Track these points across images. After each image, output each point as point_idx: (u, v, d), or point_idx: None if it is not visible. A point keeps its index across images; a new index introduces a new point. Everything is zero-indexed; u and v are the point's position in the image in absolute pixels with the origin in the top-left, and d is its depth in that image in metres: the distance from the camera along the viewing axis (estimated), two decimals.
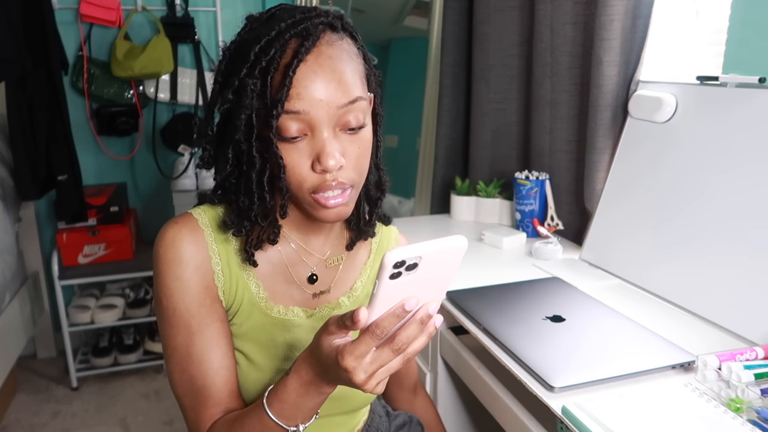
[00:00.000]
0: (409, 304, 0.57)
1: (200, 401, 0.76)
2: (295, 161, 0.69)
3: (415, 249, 0.55)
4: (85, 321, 2.37)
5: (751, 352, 0.92)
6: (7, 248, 2.09)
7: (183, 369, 0.76)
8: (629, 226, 1.35)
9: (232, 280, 0.78)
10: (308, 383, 0.65)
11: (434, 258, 0.57)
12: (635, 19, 1.38)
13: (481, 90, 1.84)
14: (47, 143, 2.11)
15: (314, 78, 0.67)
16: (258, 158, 0.71)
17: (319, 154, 0.68)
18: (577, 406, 0.83)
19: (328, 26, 0.70)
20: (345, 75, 0.68)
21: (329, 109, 0.67)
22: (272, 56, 0.67)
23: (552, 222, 1.60)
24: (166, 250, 0.75)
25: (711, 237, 1.16)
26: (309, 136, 0.69)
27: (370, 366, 0.59)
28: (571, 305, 1.14)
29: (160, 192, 2.65)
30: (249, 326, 0.80)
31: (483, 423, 1.40)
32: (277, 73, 0.67)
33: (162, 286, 0.75)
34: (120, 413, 2.25)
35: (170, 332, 0.76)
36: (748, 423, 0.79)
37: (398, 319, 0.57)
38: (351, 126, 0.70)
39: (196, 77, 2.48)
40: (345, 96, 0.68)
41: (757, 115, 1.11)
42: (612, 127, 1.44)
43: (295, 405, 0.67)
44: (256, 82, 0.68)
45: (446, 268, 0.59)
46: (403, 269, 0.55)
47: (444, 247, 0.57)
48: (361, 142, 0.72)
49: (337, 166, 0.69)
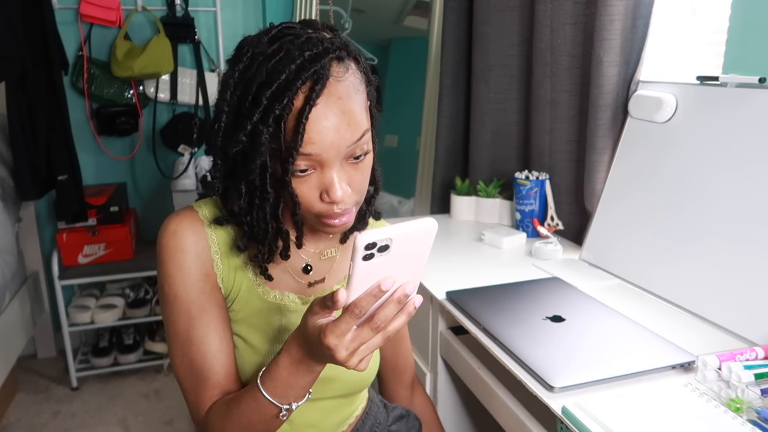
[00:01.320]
0: (385, 285, 0.60)
1: (200, 383, 0.79)
2: (304, 193, 0.73)
3: (385, 231, 0.58)
4: (85, 321, 2.37)
5: (751, 352, 0.92)
6: (7, 248, 2.09)
7: (184, 353, 0.80)
8: (629, 226, 1.35)
9: (231, 268, 0.82)
10: (298, 361, 0.68)
11: (405, 240, 0.59)
12: (635, 19, 1.38)
13: (481, 90, 1.84)
14: (47, 143, 2.11)
15: (325, 123, 0.69)
16: (272, 194, 0.74)
17: (328, 188, 0.72)
18: (577, 406, 0.83)
19: (335, 59, 0.71)
20: (354, 114, 0.70)
21: (339, 149, 0.70)
22: (285, 104, 0.68)
23: (552, 222, 1.60)
24: (168, 240, 0.80)
25: (711, 237, 1.16)
26: (318, 171, 0.72)
27: (351, 344, 0.62)
28: (571, 305, 1.14)
29: (160, 192, 2.65)
30: (247, 311, 0.84)
31: (483, 423, 1.40)
32: (290, 117, 0.69)
33: (164, 274, 0.80)
34: (120, 413, 2.25)
35: (172, 318, 0.80)
36: (748, 423, 0.79)
37: (375, 299, 0.61)
38: (356, 155, 0.73)
39: (196, 77, 2.48)
40: (354, 135, 0.71)
41: (757, 115, 1.11)
42: (612, 127, 1.44)
43: (287, 383, 0.70)
44: (270, 128, 0.69)
45: (419, 250, 0.62)
46: (375, 251, 0.58)
47: (414, 229, 0.60)
48: (365, 167, 0.75)
49: (344, 198, 0.72)
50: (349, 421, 0.95)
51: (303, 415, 0.88)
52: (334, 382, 0.87)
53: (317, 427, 0.90)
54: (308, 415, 0.88)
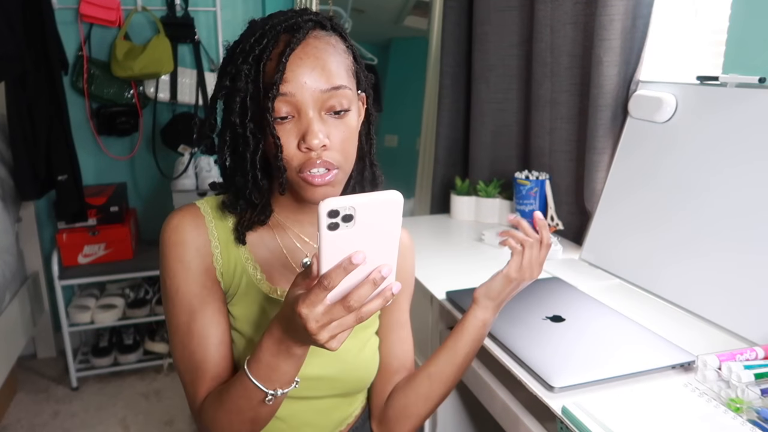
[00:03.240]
0: (356, 258, 0.60)
1: (199, 375, 0.80)
2: (284, 141, 0.75)
3: (347, 199, 0.59)
4: (85, 321, 2.37)
5: (751, 352, 0.92)
6: (7, 248, 2.09)
7: (184, 346, 0.81)
8: (629, 226, 1.35)
9: (230, 262, 0.83)
10: (278, 341, 0.69)
11: (369, 210, 0.60)
12: (635, 19, 1.38)
13: (481, 90, 1.84)
14: (47, 143, 2.11)
15: (300, 64, 0.73)
16: (252, 138, 0.77)
17: (305, 134, 0.74)
18: (577, 406, 0.83)
19: (317, 24, 0.77)
20: (329, 63, 0.75)
21: (313, 93, 0.74)
22: (265, 45, 0.74)
23: (552, 222, 1.60)
24: (170, 235, 0.81)
25: (711, 237, 1.16)
26: (296, 118, 0.75)
27: (322, 317, 0.62)
28: (571, 305, 1.14)
29: (160, 192, 2.65)
30: (246, 306, 0.84)
31: (483, 423, 1.40)
32: (270, 61, 0.74)
33: (166, 268, 0.81)
34: (120, 413, 2.25)
35: (173, 311, 0.82)
36: (748, 423, 0.79)
37: (345, 272, 0.61)
38: (335, 109, 0.75)
39: (196, 77, 2.48)
40: (328, 82, 0.74)
41: (757, 115, 1.11)
42: (612, 127, 1.44)
43: (270, 366, 0.70)
44: (250, 68, 0.75)
45: (387, 225, 0.62)
46: (339, 220, 0.59)
47: (377, 199, 0.60)
48: (346, 127, 0.77)
49: (320, 145, 0.74)
50: (348, 422, 0.95)
51: (301, 415, 0.88)
52: (333, 381, 0.87)
53: (315, 426, 0.90)
54: (306, 415, 0.88)
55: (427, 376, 0.91)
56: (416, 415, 0.92)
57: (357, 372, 0.89)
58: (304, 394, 0.85)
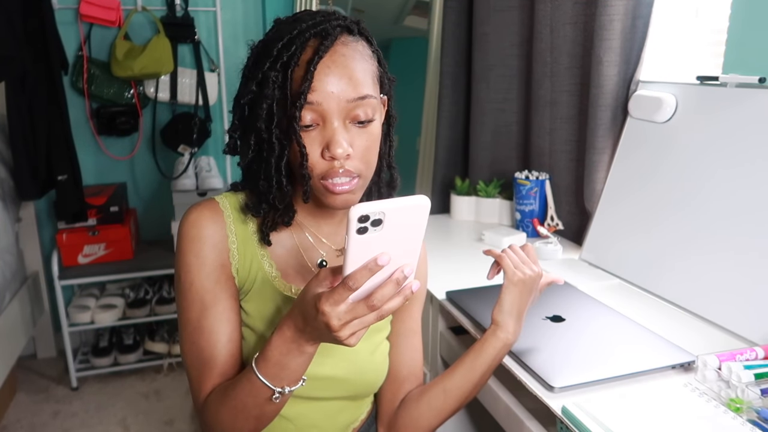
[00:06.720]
0: (382, 260, 0.62)
1: (206, 371, 0.80)
2: (308, 148, 0.75)
3: (378, 204, 0.59)
4: (85, 321, 2.36)
5: (751, 352, 0.92)
6: (7, 248, 2.09)
7: (193, 341, 0.81)
8: (629, 226, 1.35)
9: (246, 259, 0.84)
10: (290, 340, 0.69)
11: (398, 215, 0.61)
12: (635, 19, 1.38)
13: (481, 90, 1.84)
14: (47, 143, 2.11)
15: (328, 73, 0.73)
16: (277, 144, 0.77)
17: (329, 143, 0.74)
18: (577, 406, 0.83)
19: (345, 29, 0.77)
20: (356, 72, 0.75)
21: (339, 102, 0.74)
22: (293, 52, 0.74)
23: (552, 222, 1.60)
24: (188, 229, 0.82)
25: (711, 237, 1.16)
26: (321, 126, 0.75)
27: (344, 315, 0.64)
28: (571, 305, 1.14)
29: (160, 192, 2.65)
30: (260, 302, 0.84)
31: (483, 423, 1.40)
32: (297, 68, 0.74)
33: (182, 262, 0.82)
34: (120, 413, 2.25)
35: (185, 305, 0.82)
36: (748, 423, 0.79)
37: (371, 273, 0.62)
38: (360, 119, 0.76)
39: (196, 77, 2.48)
40: (354, 92, 0.74)
41: (757, 115, 1.11)
42: (612, 127, 1.44)
43: (279, 364, 0.70)
44: (277, 75, 0.74)
45: (413, 228, 0.63)
46: (368, 224, 0.60)
47: (406, 205, 0.61)
48: (369, 135, 0.77)
49: (344, 155, 0.74)
50: (354, 425, 0.94)
51: (309, 415, 0.88)
52: (343, 382, 0.87)
53: (322, 428, 0.90)
54: (314, 416, 0.88)
55: (442, 391, 0.92)
56: (427, 427, 0.93)
57: (367, 375, 0.89)
58: (313, 394, 0.85)
